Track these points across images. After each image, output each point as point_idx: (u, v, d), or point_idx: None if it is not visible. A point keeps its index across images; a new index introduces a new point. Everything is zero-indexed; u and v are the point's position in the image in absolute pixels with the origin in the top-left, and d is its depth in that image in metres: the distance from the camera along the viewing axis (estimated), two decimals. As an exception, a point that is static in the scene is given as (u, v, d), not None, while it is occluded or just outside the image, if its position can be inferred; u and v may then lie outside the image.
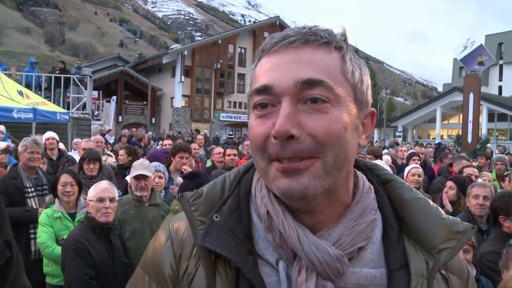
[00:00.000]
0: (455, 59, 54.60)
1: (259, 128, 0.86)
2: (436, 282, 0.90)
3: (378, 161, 5.39)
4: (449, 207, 4.82)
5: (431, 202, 0.99)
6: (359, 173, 1.01)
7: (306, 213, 0.90)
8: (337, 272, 0.85)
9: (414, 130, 52.00)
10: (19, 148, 5.11)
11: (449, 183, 4.99)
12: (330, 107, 0.84)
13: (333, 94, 0.85)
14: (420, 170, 5.87)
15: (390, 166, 6.78)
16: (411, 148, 11.61)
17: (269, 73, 0.87)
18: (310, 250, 0.84)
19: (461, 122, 32.01)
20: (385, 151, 14.11)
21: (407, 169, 5.99)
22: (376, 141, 28.43)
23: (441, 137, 45.26)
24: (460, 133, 31.94)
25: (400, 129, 46.16)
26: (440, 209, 0.99)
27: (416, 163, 6.92)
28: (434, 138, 42.99)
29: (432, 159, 10.99)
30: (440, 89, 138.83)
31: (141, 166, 4.48)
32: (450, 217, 0.97)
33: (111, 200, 3.66)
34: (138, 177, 4.37)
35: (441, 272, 0.93)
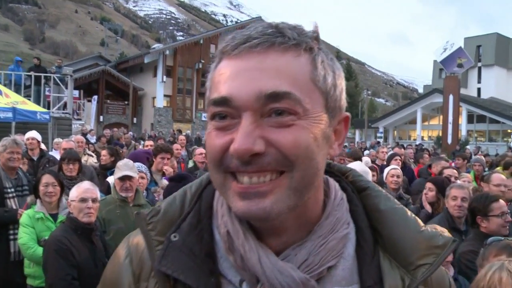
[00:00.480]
0: (435, 61, 55.46)
1: (217, 139, 0.77)
2: None
3: (357, 163, 5.46)
4: (428, 208, 4.88)
5: (409, 212, 0.91)
6: (331, 181, 0.93)
7: (270, 231, 0.82)
8: None
9: (395, 131, 52.56)
10: (0, 149, 5.04)
11: (428, 185, 5.04)
12: (297, 119, 0.74)
13: (301, 107, 0.75)
14: (399, 171, 5.94)
15: (373, 167, 6.84)
16: (391, 149, 11.75)
17: (228, 82, 0.76)
18: (273, 275, 0.77)
19: (441, 123, 32.42)
20: (366, 152, 14.26)
21: (386, 170, 6.06)
22: (357, 142, 28.66)
23: (422, 138, 45.78)
24: (441, 134, 32.36)
25: (381, 130, 46.56)
26: (419, 220, 0.91)
27: (398, 164, 7.00)
28: (415, 139, 43.47)
29: (413, 160, 11.13)
30: (420, 90, 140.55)
31: (125, 167, 4.46)
32: (429, 229, 0.89)
33: (94, 200, 3.64)
34: (123, 178, 4.36)
35: None
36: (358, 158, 7.91)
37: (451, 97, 29.45)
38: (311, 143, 0.75)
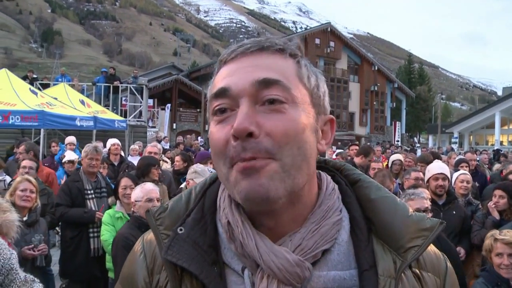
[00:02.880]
0: (515, 62, 52.33)
1: (219, 133, 0.86)
2: (407, 280, 0.90)
3: (436, 162, 5.37)
4: (496, 215, 4.68)
5: (398, 199, 0.98)
6: (323, 174, 1.00)
7: (268, 219, 0.89)
8: (298, 277, 0.84)
9: (471, 136, 50.15)
10: (82, 153, 5.49)
11: (498, 192, 4.81)
12: (288, 107, 0.84)
13: (290, 95, 0.85)
14: (469, 177, 5.70)
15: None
16: (463, 155, 11.37)
17: (227, 78, 0.88)
18: (269, 258, 0.84)
19: (522, 127, 30.56)
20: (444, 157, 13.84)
21: (455, 175, 5.87)
22: (431, 148, 27.73)
23: (501, 143, 43.43)
24: (521, 139, 30.55)
25: (456, 135, 44.67)
26: (408, 206, 0.98)
27: (464, 170, 6.78)
28: (493, 144, 41.32)
29: (487, 165, 10.71)
30: (500, 93, 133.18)
31: (205, 172, 4.72)
32: (417, 213, 0.96)
33: (158, 200, 3.92)
34: None
35: (413, 270, 0.93)
36: (429, 162, 7.77)
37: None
38: (299, 131, 0.84)
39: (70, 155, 7.70)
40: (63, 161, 7.67)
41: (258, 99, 0.84)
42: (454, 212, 4.74)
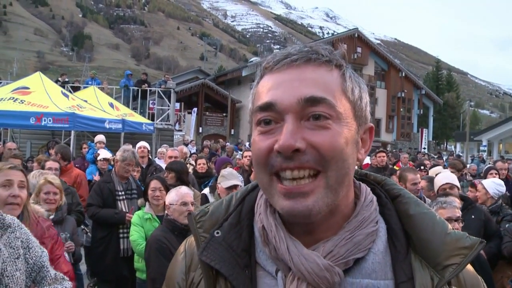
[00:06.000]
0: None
1: (263, 142, 0.88)
2: None
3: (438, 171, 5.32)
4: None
5: (437, 216, 0.98)
6: (363, 185, 1.02)
7: (303, 226, 0.92)
8: (327, 281, 0.86)
9: (501, 145, 49.01)
10: (118, 157, 5.60)
11: None
12: (332, 123, 0.86)
13: (335, 111, 0.86)
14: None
15: (473, 183, 6.54)
16: (489, 163, 11.15)
17: (272, 90, 0.88)
18: (299, 261, 0.87)
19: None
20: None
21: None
22: (456, 155, 27.29)
23: (533, 152, 42.28)
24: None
25: (485, 143, 43.70)
26: (447, 223, 0.98)
27: (493, 178, 6.67)
28: (524, 154, 40.25)
29: (518, 175, 10.46)
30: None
31: (232, 176, 4.77)
32: (456, 231, 0.95)
33: (192, 204, 3.96)
34: (231, 187, 4.66)
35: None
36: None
37: None
38: (343, 146, 0.86)
39: (104, 153, 7.95)
40: (98, 158, 7.90)
41: (303, 115, 0.86)
42: (473, 216, 4.72)
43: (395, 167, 9.67)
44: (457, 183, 4.93)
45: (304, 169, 0.85)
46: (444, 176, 5.09)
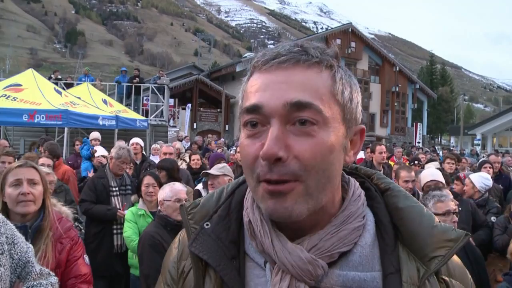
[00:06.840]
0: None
1: (250, 148, 0.89)
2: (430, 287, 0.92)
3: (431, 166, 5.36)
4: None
5: (425, 209, 1.01)
6: (352, 180, 1.03)
7: (290, 224, 0.93)
8: (310, 274, 0.89)
9: (495, 138, 49.23)
10: (113, 154, 5.58)
11: None
12: (318, 129, 0.86)
13: (321, 116, 0.86)
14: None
15: (458, 177, 6.60)
16: (485, 157, 11.21)
17: (259, 92, 0.88)
18: (283, 255, 0.90)
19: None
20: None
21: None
22: (450, 148, 27.42)
23: (526, 145, 42.53)
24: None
25: (479, 137, 43.91)
26: (434, 216, 1.01)
27: (488, 172, 6.71)
28: (517, 147, 40.50)
29: None
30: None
31: (224, 170, 4.84)
32: (442, 224, 0.98)
33: (186, 201, 3.93)
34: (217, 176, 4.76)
35: (442, 278, 0.96)
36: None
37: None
38: (327, 154, 0.86)
39: (102, 151, 7.91)
40: (96, 155, 7.87)
41: (289, 119, 0.86)
42: (460, 209, 4.78)
43: (389, 161, 9.69)
44: (442, 179, 4.97)
45: (284, 181, 0.85)
46: (429, 173, 5.16)
